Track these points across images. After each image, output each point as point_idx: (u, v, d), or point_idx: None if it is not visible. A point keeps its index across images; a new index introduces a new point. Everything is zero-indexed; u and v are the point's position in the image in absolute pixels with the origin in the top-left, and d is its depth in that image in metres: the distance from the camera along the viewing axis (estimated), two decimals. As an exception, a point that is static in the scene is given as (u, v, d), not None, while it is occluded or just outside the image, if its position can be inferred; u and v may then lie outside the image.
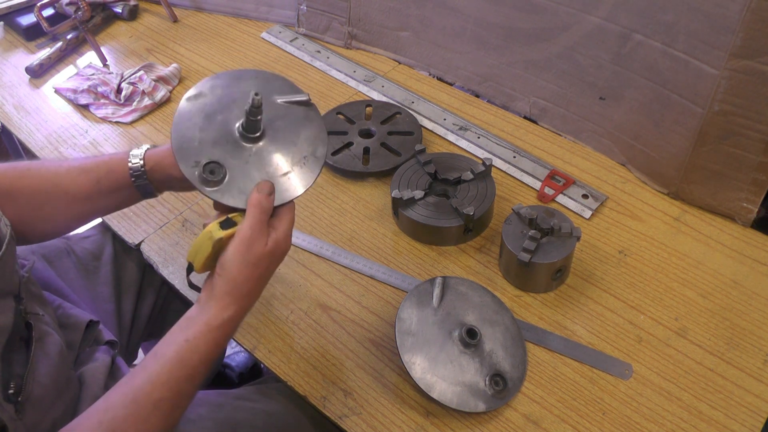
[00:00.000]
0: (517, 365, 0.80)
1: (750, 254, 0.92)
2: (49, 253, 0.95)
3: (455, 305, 0.83)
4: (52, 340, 0.72)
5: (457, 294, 0.84)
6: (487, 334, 0.81)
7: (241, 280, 0.66)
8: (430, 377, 0.77)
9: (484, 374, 0.78)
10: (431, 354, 0.78)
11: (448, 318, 0.82)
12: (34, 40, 1.40)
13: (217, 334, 0.66)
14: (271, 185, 0.70)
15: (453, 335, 0.80)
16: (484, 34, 1.15)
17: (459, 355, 0.79)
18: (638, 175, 1.04)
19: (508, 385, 0.78)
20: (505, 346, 0.81)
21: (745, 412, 0.76)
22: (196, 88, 0.76)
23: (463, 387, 0.77)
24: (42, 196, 0.78)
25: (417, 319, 0.81)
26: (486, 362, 0.79)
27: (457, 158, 1.03)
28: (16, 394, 0.64)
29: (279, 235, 0.68)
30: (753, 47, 0.82)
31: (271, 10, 1.41)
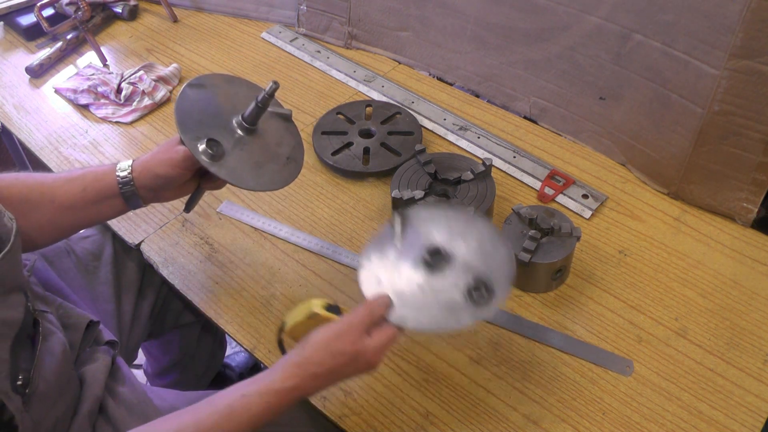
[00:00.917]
0: (500, 266, 0.74)
1: (750, 254, 0.92)
2: (49, 253, 0.95)
3: (418, 234, 0.77)
4: (56, 339, 0.73)
5: (420, 221, 0.79)
6: (459, 247, 0.75)
7: (314, 360, 0.66)
8: (401, 311, 0.71)
9: (462, 288, 0.72)
10: (399, 286, 0.73)
11: (412, 247, 0.76)
12: (34, 40, 1.40)
13: (271, 399, 0.66)
14: (389, 300, 0.71)
15: (418, 262, 0.74)
16: (484, 34, 1.15)
17: (428, 279, 0.73)
18: (638, 175, 1.04)
19: (492, 289, 0.71)
20: (483, 252, 0.75)
21: (745, 412, 0.76)
22: (198, 79, 0.84)
23: (439, 309, 0.71)
24: (29, 205, 0.78)
25: (380, 264, 0.76)
26: (462, 276, 0.73)
27: (457, 158, 1.03)
28: (24, 386, 0.65)
29: (371, 344, 0.67)
30: (753, 47, 0.82)
31: (271, 10, 1.41)
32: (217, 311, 0.89)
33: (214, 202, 1.04)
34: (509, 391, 0.79)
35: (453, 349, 0.84)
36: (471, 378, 0.81)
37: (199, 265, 0.95)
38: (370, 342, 0.68)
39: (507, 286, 0.72)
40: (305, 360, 0.66)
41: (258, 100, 0.81)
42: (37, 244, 0.82)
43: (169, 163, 0.80)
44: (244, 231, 1.00)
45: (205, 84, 0.84)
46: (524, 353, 0.83)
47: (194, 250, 0.97)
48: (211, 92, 0.84)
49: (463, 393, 0.80)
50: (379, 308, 0.70)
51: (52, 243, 0.85)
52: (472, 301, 0.71)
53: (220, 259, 0.96)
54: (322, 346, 0.67)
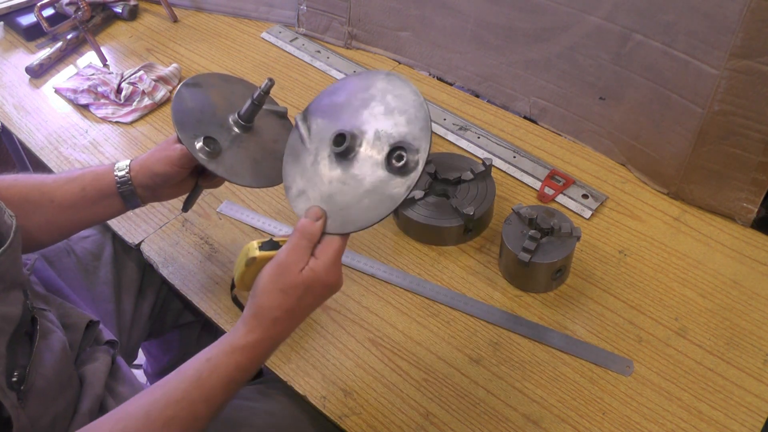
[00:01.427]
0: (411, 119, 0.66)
1: (750, 254, 0.92)
2: (49, 253, 0.95)
3: (324, 124, 0.71)
4: (55, 337, 0.73)
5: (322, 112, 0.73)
6: (364, 119, 0.68)
7: (268, 305, 0.63)
8: (335, 216, 0.66)
9: (382, 163, 0.65)
10: (324, 191, 0.68)
11: (322, 143, 0.69)
12: (34, 40, 1.40)
13: (238, 357, 0.63)
14: (319, 211, 0.66)
15: (331, 157, 0.68)
16: (484, 34, 1.15)
17: (347, 168, 0.67)
18: (638, 175, 1.04)
19: (410, 147, 0.64)
20: (390, 109, 0.67)
21: (745, 412, 0.76)
22: (194, 79, 0.84)
23: (369, 196, 0.65)
24: (29, 205, 0.78)
25: (300, 176, 0.71)
26: (377, 150, 0.66)
27: (457, 158, 1.03)
28: (19, 382, 0.65)
29: (318, 264, 0.63)
30: (753, 47, 0.82)
31: (271, 10, 1.41)
32: (217, 311, 0.89)
33: (213, 202, 1.04)
34: (509, 391, 0.79)
35: (453, 349, 0.84)
36: (471, 378, 0.81)
37: (199, 265, 0.95)
38: (317, 263, 0.63)
39: (427, 136, 0.65)
40: (262, 309, 0.63)
41: (254, 97, 0.81)
42: (37, 244, 0.82)
43: (166, 161, 0.80)
44: (244, 231, 1.00)
45: (202, 83, 0.84)
46: (524, 353, 0.83)
47: (194, 250, 0.97)
48: (208, 91, 0.84)
49: (463, 393, 0.80)
50: (312, 225, 0.65)
51: (53, 243, 0.86)
52: (397, 170, 0.65)
53: (220, 259, 0.96)
54: (270, 288, 0.63)
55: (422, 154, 0.64)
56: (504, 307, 0.88)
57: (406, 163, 0.64)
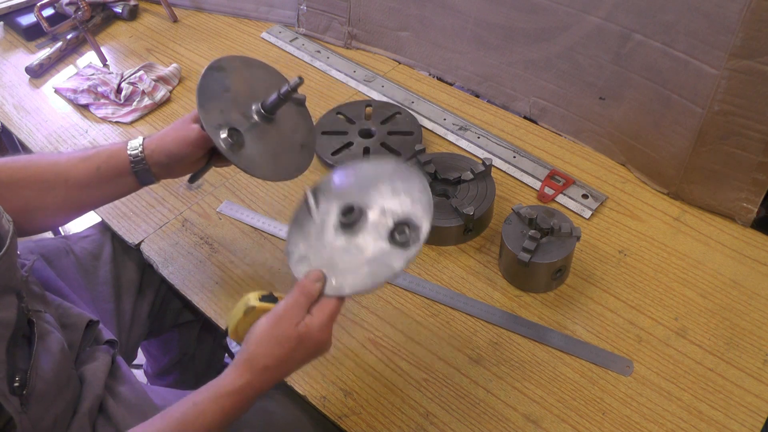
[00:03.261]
0: (416, 199, 0.71)
1: (750, 254, 0.92)
2: (48, 252, 0.95)
3: (332, 199, 0.75)
4: (53, 338, 0.73)
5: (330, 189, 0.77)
6: (372, 197, 0.73)
7: (260, 352, 0.65)
8: (335, 279, 0.69)
9: (385, 236, 0.69)
10: (326, 257, 0.71)
11: (328, 215, 0.74)
12: (34, 40, 1.40)
13: (225, 402, 0.64)
14: (320, 274, 0.69)
15: (336, 227, 0.72)
16: (484, 34, 1.15)
17: (352, 238, 0.71)
18: (638, 175, 1.04)
19: (413, 225, 0.69)
20: (396, 191, 0.72)
21: (745, 412, 0.76)
22: (218, 62, 0.84)
23: (370, 264, 0.69)
24: (44, 185, 0.79)
25: (303, 243, 0.74)
26: (381, 224, 0.70)
27: (457, 158, 1.03)
28: (21, 387, 0.65)
29: (314, 322, 0.66)
30: (753, 47, 0.82)
31: (271, 10, 1.41)
32: (216, 311, 0.89)
33: (213, 202, 1.04)
34: (509, 391, 0.79)
35: (453, 349, 0.84)
36: (471, 378, 0.81)
37: (199, 265, 0.95)
38: (312, 320, 0.66)
39: (428, 216, 0.69)
40: (252, 355, 0.65)
41: (281, 92, 0.81)
42: (52, 223, 0.83)
43: (183, 141, 0.81)
44: (244, 231, 1.00)
45: (225, 67, 0.84)
46: (524, 353, 0.83)
47: (194, 250, 0.97)
48: (231, 76, 0.84)
49: (463, 393, 0.80)
50: (312, 285, 0.67)
51: (67, 222, 0.86)
52: (399, 244, 0.69)
53: (220, 259, 0.96)
54: (265, 336, 0.65)
55: (423, 232, 0.68)
56: (504, 307, 0.88)
57: (408, 237, 0.68)
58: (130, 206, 1.03)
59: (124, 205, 1.03)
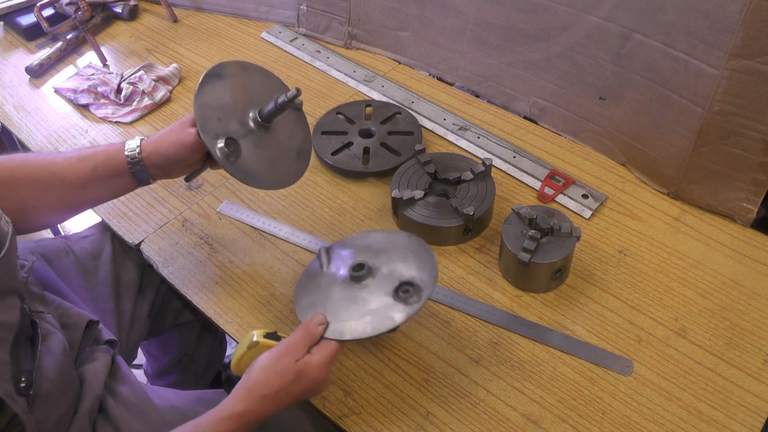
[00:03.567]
0: (423, 266, 0.77)
1: (750, 254, 0.92)
2: (48, 252, 0.95)
3: (343, 256, 0.82)
4: (56, 338, 0.73)
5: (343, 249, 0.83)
6: (381, 260, 0.79)
7: (260, 381, 0.69)
8: (337, 325, 0.74)
9: (390, 292, 0.75)
10: (332, 306, 0.77)
11: (339, 269, 0.80)
12: (34, 40, 1.40)
13: (224, 425, 0.67)
14: (323, 318, 0.74)
15: (346, 280, 0.78)
16: (484, 34, 1.15)
17: (358, 292, 0.77)
18: (638, 175, 1.04)
19: (418, 285, 0.75)
20: (405, 258, 0.79)
21: (745, 412, 0.76)
22: (216, 69, 0.84)
23: (372, 315, 0.74)
24: (40, 184, 0.79)
25: (311, 292, 0.80)
26: (387, 283, 0.76)
27: (457, 158, 1.03)
28: (28, 387, 0.65)
29: (313, 360, 0.70)
30: (753, 47, 0.82)
31: (271, 10, 1.41)
32: (216, 311, 0.89)
33: (213, 202, 1.04)
34: (509, 391, 0.79)
35: (453, 349, 0.84)
36: (471, 378, 0.81)
37: (199, 265, 0.95)
38: (311, 359, 0.70)
39: (433, 282, 0.75)
40: (252, 384, 0.69)
41: (278, 102, 0.82)
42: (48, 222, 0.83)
43: (180, 145, 0.81)
44: (244, 231, 1.00)
45: (223, 74, 0.84)
46: (524, 353, 0.83)
47: (194, 250, 0.97)
48: (229, 83, 0.84)
49: (463, 393, 0.80)
50: (314, 327, 0.72)
51: (63, 221, 0.87)
52: (402, 300, 0.74)
53: (220, 259, 0.96)
54: (266, 368, 0.69)
55: (425, 294, 0.74)
56: (504, 307, 0.88)
57: (411, 295, 0.74)
58: (130, 206, 1.03)
59: (124, 205, 1.03)
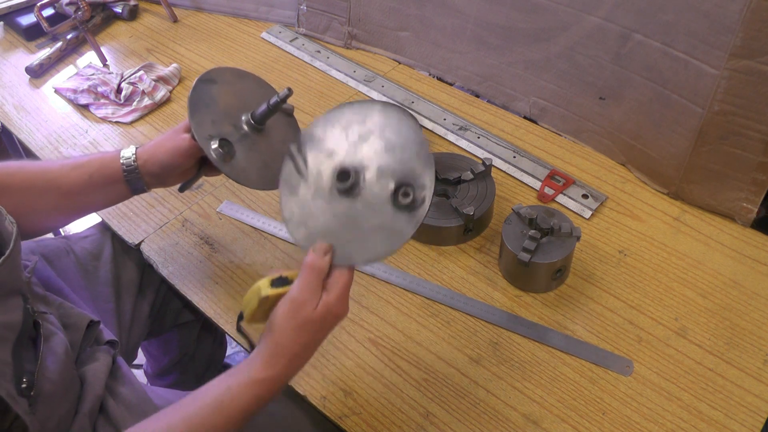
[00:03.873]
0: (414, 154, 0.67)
1: (750, 254, 0.92)
2: (48, 252, 0.95)
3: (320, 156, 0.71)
4: (58, 339, 0.73)
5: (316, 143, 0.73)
6: (365, 155, 0.69)
7: (287, 343, 0.65)
8: (343, 249, 0.67)
9: (388, 200, 0.67)
10: (329, 225, 0.69)
11: (321, 177, 0.70)
12: (34, 40, 1.40)
13: (259, 389, 0.65)
14: (327, 246, 0.67)
15: (333, 192, 0.69)
16: (484, 34, 1.15)
17: (353, 204, 0.68)
18: (638, 175, 1.04)
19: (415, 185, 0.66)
20: (391, 147, 0.68)
21: (745, 412, 0.76)
22: (209, 74, 0.85)
23: (377, 231, 0.67)
24: (35, 192, 0.79)
25: (299, 208, 0.71)
26: (381, 185, 0.67)
27: (457, 158, 1.03)
28: (29, 388, 0.65)
29: (331, 299, 0.66)
30: (753, 47, 0.82)
31: (271, 10, 1.41)
32: (216, 311, 0.89)
33: (213, 202, 1.04)
34: (509, 391, 0.79)
35: (453, 349, 0.84)
36: (471, 378, 0.81)
37: (199, 265, 0.95)
38: (329, 297, 0.66)
39: (431, 171, 0.66)
40: (280, 347, 0.65)
41: (270, 103, 0.82)
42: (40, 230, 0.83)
43: (174, 151, 0.81)
44: (244, 231, 1.00)
45: (216, 79, 0.85)
46: (524, 353, 0.83)
47: (194, 250, 0.97)
48: (222, 88, 0.85)
49: (463, 393, 0.80)
50: (321, 260, 0.66)
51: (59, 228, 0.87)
52: (404, 208, 0.66)
53: (220, 259, 0.96)
54: (289, 326, 0.65)
55: (428, 191, 0.66)
56: (504, 307, 0.88)
57: (413, 200, 0.66)
58: (130, 206, 1.03)
59: (124, 205, 1.03)
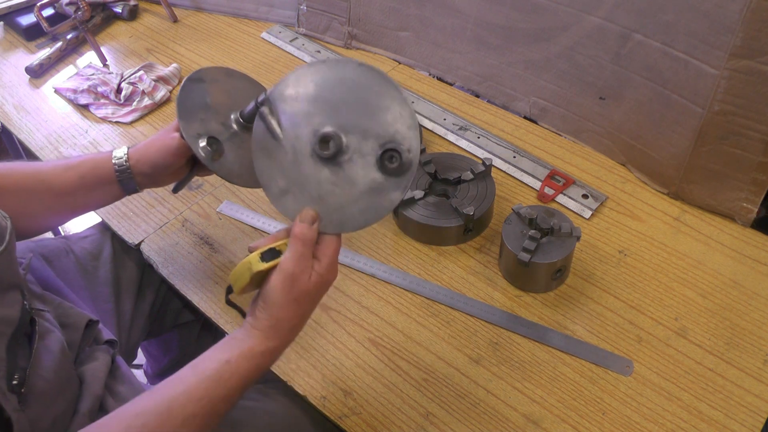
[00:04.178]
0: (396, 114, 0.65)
1: (750, 254, 0.92)
2: (48, 252, 0.95)
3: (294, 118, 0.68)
4: (54, 337, 0.73)
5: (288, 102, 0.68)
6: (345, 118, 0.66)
7: (285, 316, 0.65)
8: (330, 216, 0.66)
9: (373, 164, 0.65)
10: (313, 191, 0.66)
11: (299, 141, 0.67)
12: (34, 40, 1.40)
13: (259, 360, 0.66)
14: (314, 214, 0.66)
15: (315, 157, 0.66)
16: (484, 34, 1.15)
17: (336, 171, 0.66)
18: (638, 175, 1.04)
19: (401, 149, 0.64)
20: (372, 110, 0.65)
21: (745, 412, 0.76)
22: (198, 73, 0.84)
23: (364, 197, 0.66)
24: (27, 193, 0.79)
25: (279, 173, 0.68)
26: (365, 149, 0.65)
27: (457, 158, 1.03)
28: (20, 385, 0.65)
29: (323, 268, 0.66)
30: (753, 47, 0.82)
31: (271, 10, 1.41)
32: (217, 311, 0.89)
33: (213, 202, 1.04)
34: (509, 391, 0.79)
35: (453, 349, 0.84)
36: (471, 378, 0.81)
37: (199, 265, 0.95)
38: (321, 266, 0.65)
39: (416, 134, 0.65)
40: (276, 320, 0.65)
41: (258, 101, 0.80)
42: (34, 231, 0.83)
43: (165, 151, 0.81)
44: (244, 231, 1.00)
45: (205, 78, 0.85)
46: (524, 353, 0.83)
47: (194, 250, 0.97)
48: (211, 87, 0.85)
49: (463, 393, 0.80)
50: (310, 230, 0.65)
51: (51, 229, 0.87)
52: (391, 173, 0.65)
53: (220, 259, 0.96)
54: (286, 300, 0.64)
55: (414, 153, 0.64)
56: (504, 307, 0.88)
57: (401, 164, 0.64)
58: (130, 206, 1.03)
59: (124, 205, 1.03)
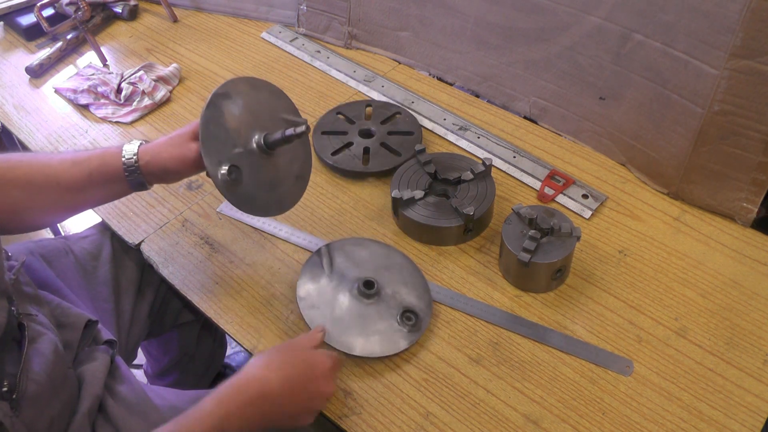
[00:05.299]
0: (421, 295, 0.86)
1: (750, 254, 0.92)
2: (47, 252, 0.95)
3: (347, 265, 0.89)
4: (46, 340, 0.72)
5: (345, 254, 0.90)
6: (385, 279, 0.87)
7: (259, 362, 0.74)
8: (346, 338, 0.81)
9: (395, 315, 0.84)
10: (340, 317, 0.83)
11: (344, 279, 0.87)
12: (34, 40, 1.40)
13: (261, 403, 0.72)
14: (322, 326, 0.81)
15: (353, 292, 0.85)
16: (484, 34, 1.15)
17: (365, 308, 0.84)
18: (638, 175, 1.04)
19: (419, 317, 0.84)
20: (405, 283, 0.87)
21: (745, 412, 0.76)
22: (224, 87, 0.81)
23: (380, 334, 0.82)
24: (34, 187, 0.78)
25: (316, 293, 0.85)
26: (392, 304, 0.85)
27: (457, 158, 1.03)
28: (11, 391, 0.65)
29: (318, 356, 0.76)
30: (753, 47, 0.82)
31: (271, 10, 1.41)
32: (217, 311, 0.89)
33: (214, 202, 1.04)
34: (509, 391, 0.79)
35: (453, 349, 0.84)
36: (471, 378, 0.81)
37: (199, 265, 0.95)
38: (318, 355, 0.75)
39: (429, 313, 0.85)
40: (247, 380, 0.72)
41: (285, 134, 0.80)
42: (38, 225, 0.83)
43: (180, 160, 0.80)
44: (244, 231, 1.00)
45: (231, 93, 0.81)
46: (524, 353, 0.83)
47: (194, 250, 0.97)
48: (236, 103, 0.81)
49: (463, 393, 0.80)
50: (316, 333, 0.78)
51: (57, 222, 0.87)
52: (407, 326, 0.83)
53: (220, 259, 0.96)
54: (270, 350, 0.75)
55: (425, 321, 0.84)
56: (504, 307, 0.88)
57: (414, 324, 0.83)
58: (130, 206, 1.03)
59: (124, 205, 1.03)
